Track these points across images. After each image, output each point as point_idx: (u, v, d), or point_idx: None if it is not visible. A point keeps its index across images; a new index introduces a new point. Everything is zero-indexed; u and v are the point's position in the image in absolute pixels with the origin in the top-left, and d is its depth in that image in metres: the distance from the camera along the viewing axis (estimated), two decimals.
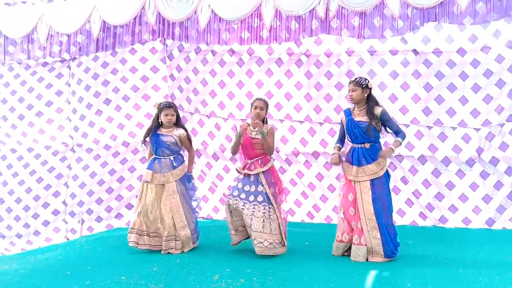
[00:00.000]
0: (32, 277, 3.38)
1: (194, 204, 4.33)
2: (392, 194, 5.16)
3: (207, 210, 5.90)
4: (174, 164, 4.14)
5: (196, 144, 5.84)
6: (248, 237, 4.05)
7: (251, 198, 3.93)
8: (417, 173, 5.13)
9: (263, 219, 3.84)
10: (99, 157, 5.87)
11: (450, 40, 4.94)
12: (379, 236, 3.64)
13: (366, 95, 3.75)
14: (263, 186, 3.94)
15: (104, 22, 5.64)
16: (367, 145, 3.73)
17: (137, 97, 5.84)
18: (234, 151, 4.14)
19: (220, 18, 5.26)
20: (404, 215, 5.21)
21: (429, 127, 5.07)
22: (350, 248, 3.80)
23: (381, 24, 4.77)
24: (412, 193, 5.16)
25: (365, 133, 3.70)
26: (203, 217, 5.88)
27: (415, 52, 5.04)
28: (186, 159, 4.35)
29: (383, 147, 3.84)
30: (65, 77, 5.99)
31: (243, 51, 5.54)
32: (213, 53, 5.65)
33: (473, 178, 4.95)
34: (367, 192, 3.69)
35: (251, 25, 5.14)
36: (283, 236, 3.94)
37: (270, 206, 3.91)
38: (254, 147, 3.97)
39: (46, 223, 5.94)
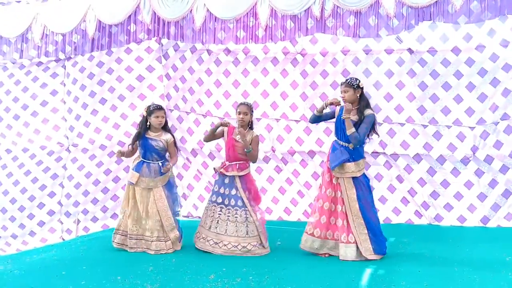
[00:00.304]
0: (27, 277, 3.36)
1: (177, 208, 4.36)
2: (388, 192, 5.25)
3: (202, 210, 5.88)
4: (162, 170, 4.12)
5: (192, 143, 5.85)
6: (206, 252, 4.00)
7: (226, 201, 4.01)
8: (413, 171, 5.15)
9: (236, 224, 3.94)
10: (94, 157, 5.86)
11: (445, 39, 4.96)
12: (366, 231, 3.68)
13: (358, 95, 3.77)
14: (237, 190, 4.00)
15: (99, 21, 5.62)
16: (351, 146, 3.75)
17: (133, 96, 5.82)
18: (206, 139, 4.30)
19: (215, 18, 5.25)
20: (400, 214, 5.23)
21: (424, 126, 5.09)
22: (323, 246, 3.81)
23: (376, 23, 4.78)
24: (408, 191, 5.18)
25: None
26: (199, 217, 5.87)
27: (410, 51, 5.06)
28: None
29: (364, 154, 3.90)
30: (60, 77, 5.96)
31: (238, 50, 5.54)
32: (209, 52, 5.65)
33: (468, 176, 4.98)
34: (351, 189, 3.73)
35: (246, 24, 5.14)
36: (262, 237, 3.96)
37: (245, 209, 3.97)
38: (236, 149, 4.02)
39: (41, 224, 5.92)
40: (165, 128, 4.21)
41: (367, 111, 3.75)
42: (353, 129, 3.67)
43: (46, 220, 5.92)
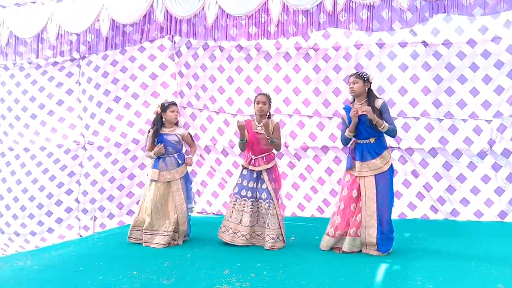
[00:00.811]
0: (46, 272, 3.43)
1: (191, 204, 4.47)
2: (403, 187, 5.20)
3: (217, 206, 5.94)
4: (179, 162, 4.26)
5: (205, 140, 5.88)
6: (234, 245, 4.04)
7: (254, 195, 4.04)
8: (428, 166, 5.09)
9: (264, 215, 4.00)
10: (110, 155, 5.94)
11: (460, 31, 4.88)
12: (375, 234, 3.63)
13: (367, 88, 3.72)
14: (265, 182, 4.02)
15: (113, 20, 5.68)
16: (372, 140, 3.70)
17: (146, 94, 5.88)
18: (242, 149, 4.22)
19: (227, 14, 5.26)
20: (415, 209, 5.18)
21: (440, 120, 5.02)
22: (338, 241, 3.81)
23: (389, 16, 4.72)
24: (423, 186, 5.13)
25: (369, 126, 3.66)
26: (213, 213, 5.92)
27: (425, 44, 4.99)
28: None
29: (387, 143, 3.82)
30: (75, 76, 6.06)
31: (250, 46, 5.54)
32: (221, 49, 5.66)
33: (485, 170, 4.90)
34: (371, 188, 3.66)
35: (258, 20, 5.13)
36: (282, 231, 4.00)
37: (271, 201, 3.99)
38: (260, 142, 4.03)
39: (59, 221, 6.03)
40: (176, 124, 4.37)
41: (378, 101, 3.70)
42: (384, 123, 3.61)
43: (64, 217, 6.03)
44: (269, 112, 4.13)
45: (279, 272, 3.25)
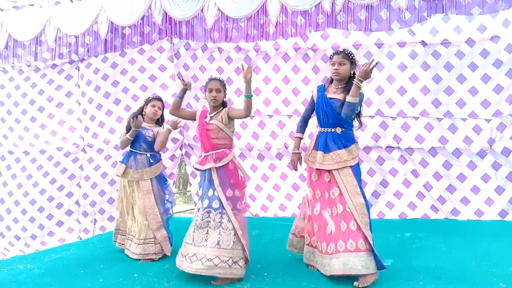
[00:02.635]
0: (46, 276, 3.43)
1: (168, 205, 4.02)
2: (403, 187, 5.20)
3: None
4: (151, 161, 3.89)
5: None
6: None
7: (205, 203, 3.19)
8: (428, 165, 5.08)
9: (207, 231, 3.13)
10: (109, 157, 5.94)
11: (458, 30, 4.88)
12: (369, 233, 2.95)
13: (352, 72, 3.17)
14: (214, 189, 3.16)
15: (112, 23, 5.68)
16: (339, 130, 3.12)
17: (146, 96, 5.85)
18: (170, 111, 3.48)
19: (227, 17, 5.25)
20: (416, 208, 5.17)
21: (439, 119, 5.02)
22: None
23: (388, 16, 4.72)
24: (423, 186, 5.12)
25: (338, 113, 3.09)
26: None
27: (423, 43, 4.99)
28: (162, 158, 4.16)
29: (356, 138, 3.23)
30: (74, 79, 6.05)
31: (249, 47, 5.54)
32: (220, 50, 5.66)
33: (485, 169, 4.89)
34: (352, 180, 3.01)
35: (257, 22, 5.13)
36: (246, 252, 3.16)
37: (223, 213, 3.12)
38: (208, 134, 3.24)
39: (60, 224, 6.03)
40: (159, 124, 4.06)
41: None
42: (356, 98, 2.96)
43: (64, 220, 6.03)
44: (225, 101, 3.42)
45: (280, 273, 3.25)
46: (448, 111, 4.99)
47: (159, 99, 4.03)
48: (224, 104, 3.40)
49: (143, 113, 3.97)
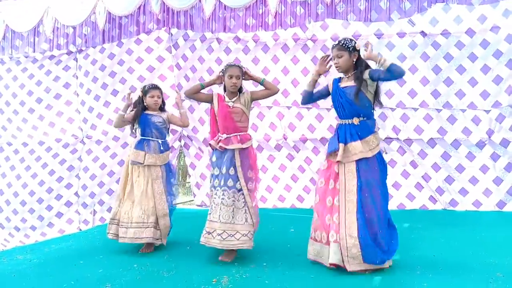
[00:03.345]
0: (46, 266, 3.44)
1: (173, 192, 4.06)
2: (401, 178, 5.20)
3: None
4: (162, 148, 3.87)
5: (203, 133, 5.87)
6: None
7: (222, 182, 3.33)
8: (427, 156, 5.09)
9: (233, 208, 3.28)
10: (108, 149, 5.93)
11: (458, 21, 4.86)
12: (355, 234, 2.86)
13: (355, 59, 3.04)
14: (235, 168, 3.32)
15: (109, 13, 5.65)
16: (356, 121, 3.03)
17: (142, 86, 5.84)
18: (187, 93, 3.55)
19: (225, 6, 5.23)
20: (414, 199, 5.19)
21: (438, 110, 5.02)
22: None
23: (388, 6, 4.71)
24: (422, 176, 5.14)
25: (352, 101, 3.00)
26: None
27: (423, 34, 4.97)
28: (171, 146, 4.17)
29: (376, 127, 3.20)
30: (72, 70, 6.03)
31: (248, 38, 5.51)
32: (218, 41, 5.63)
33: (484, 160, 4.91)
34: (352, 179, 2.96)
35: (256, 11, 5.11)
36: (255, 227, 3.38)
37: (241, 193, 3.32)
38: (233, 117, 3.36)
39: (59, 215, 6.04)
40: (162, 110, 3.99)
41: (365, 73, 3.02)
42: (385, 59, 2.87)
43: (64, 212, 6.04)
44: (242, 87, 3.50)
45: (279, 263, 3.27)
46: (447, 102, 4.98)
47: (155, 87, 3.94)
48: (240, 89, 3.47)
49: (144, 103, 3.89)
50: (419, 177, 5.15)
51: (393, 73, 2.87)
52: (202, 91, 3.55)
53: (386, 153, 4.59)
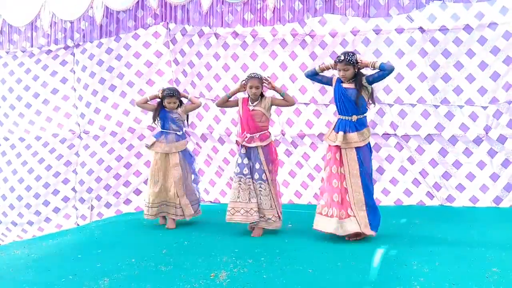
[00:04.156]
0: (44, 261, 3.44)
1: (195, 179, 4.74)
2: (399, 174, 5.23)
3: (214, 194, 5.95)
4: (177, 139, 4.53)
5: (201, 128, 5.87)
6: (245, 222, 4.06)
7: (255, 175, 4.01)
8: (424, 152, 5.10)
9: (260, 197, 3.99)
10: (106, 144, 5.91)
11: (456, 17, 4.85)
12: (364, 207, 3.67)
13: (356, 70, 3.73)
14: (261, 163, 3.99)
15: (107, 7, 5.61)
16: (354, 118, 3.71)
17: (142, 82, 5.84)
18: (219, 104, 4.26)
19: (223, 1, 5.20)
20: (411, 195, 5.21)
21: (436, 106, 5.02)
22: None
23: (386, 2, 4.69)
24: (419, 172, 5.15)
25: (354, 101, 3.68)
26: (210, 201, 5.93)
27: (421, 30, 4.97)
28: (187, 138, 4.81)
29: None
30: (69, 64, 5.99)
31: (246, 33, 5.49)
32: (217, 36, 5.61)
33: (481, 156, 4.92)
34: (354, 165, 3.67)
35: (254, 6, 5.08)
36: (278, 211, 4.05)
37: (266, 183, 3.99)
38: (254, 119, 4.00)
39: (56, 210, 6.03)
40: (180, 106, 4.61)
41: (363, 79, 3.73)
42: (375, 61, 3.68)
43: (61, 207, 6.02)
44: (262, 92, 4.11)
45: (276, 257, 3.28)
46: (445, 98, 4.99)
47: (172, 95, 4.47)
48: (261, 94, 4.09)
49: (164, 103, 4.52)
50: (416, 173, 5.16)
51: (385, 70, 3.65)
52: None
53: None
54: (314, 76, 3.99)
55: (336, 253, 3.36)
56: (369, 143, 3.79)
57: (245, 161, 4.03)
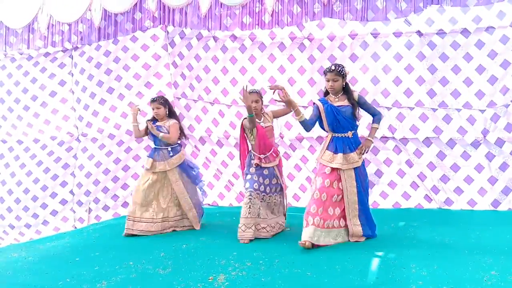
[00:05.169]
0: (41, 264, 3.42)
1: (199, 189, 4.68)
2: (397, 177, 5.24)
3: (212, 197, 5.94)
4: (171, 154, 4.40)
5: (200, 131, 5.87)
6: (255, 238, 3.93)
7: (268, 189, 4.03)
8: (422, 155, 5.12)
9: (275, 206, 4.12)
10: (104, 147, 5.91)
11: (453, 21, 4.89)
12: (359, 223, 3.72)
13: (344, 83, 3.72)
14: (278, 178, 4.08)
15: (105, 10, 5.62)
16: (350, 134, 3.74)
17: (140, 85, 5.84)
18: (249, 127, 4.00)
19: (221, 4, 5.22)
20: (409, 198, 5.22)
21: (434, 109, 5.04)
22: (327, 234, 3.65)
23: (384, 6, 4.72)
24: (417, 175, 5.16)
25: (350, 118, 3.70)
26: (208, 204, 5.92)
27: (419, 33, 4.99)
28: (182, 149, 4.57)
29: (374, 139, 3.89)
30: (67, 67, 6.00)
31: (245, 36, 5.51)
32: (215, 39, 5.62)
33: (479, 159, 4.93)
34: (352, 182, 3.69)
35: (252, 10, 5.11)
36: (284, 210, 4.25)
37: (282, 192, 4.15)
38: (267, 135, 3.99)
39: (54, 213, 6.01)
40: (170, 115, 4.48)
41: (355, 94, 3.74)
42: (374, 128, 3.79)
43: (59, 209, 6.02)
44: (262, 108, 4.11)
45: (275, 260, 3.27)
46: (443, 101, 5.01)
47: (153, 100, 4.41)
48: (262, 110, 4.06)
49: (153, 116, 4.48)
50: (415, 176, 5.17)
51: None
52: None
53: None
54: (310, 124, 3.80)
55: (334, 256, 3.35)
56: (363, 163, 3.83)
57: (258, 177, 3.98)
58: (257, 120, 3.97)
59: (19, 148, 6.13)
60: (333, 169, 3.71)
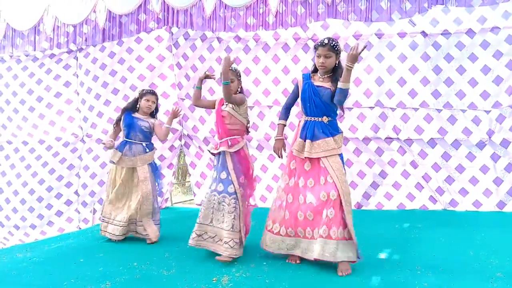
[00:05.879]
0: (46, 264, 3.43)
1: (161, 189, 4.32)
2: (402, 178, 5.21)
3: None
4: (146, 150, 4.03)
5: (204, 132, 5.87)
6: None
7: (214, 186, 3.37)
8: (427, 156, 5.09)
9: (223, 214, 3.31)
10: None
11: (458, 21, 4.87)
12: (352, 221, 2.96)
13: (337, 63, 3.08)
14: (228, 173, 3.31)
15: (110, 11, 5.65)
16: (325, 120, 3.08)
17: (144, 86, 5.82)
18: (194, 103, 3.64)
19: (225, 5, 5.23)
20: (414, 199, 5.19)
21: (439, 110, 5.02)
22: (294, 247, 3.16)
23: (388, 6, 4.72)
24: (422, 177, 5.14)
25: (327, 102, 3.05)
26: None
27: (424, 34, 4.97)
28: (161, 148, 4.33)
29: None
30: (72, 68, 6.03)
31: (249, 37, 5.51)
32: (219, 40, 5.63)
33: (484, 160, 4.91)
34: (340, 168, 3.01)
35: (256, 11, 5.11)
36: (243, 235, 3.33)
37: (234, 197, 3.29)
38: (223, 120, 3.36)
39: (59, 214, 6.04)
40: (152, 116, 4.12)
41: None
42: (348, 84, 2.92)
43: (63, 210, 6.04)
44: (240, 88, 3.45)
45: (279, 262, 3.26)
46: (447, 102, 4.99)
47: (153, 93, 4.09)
48: (241, 92, 3.46)
49: (138, 105, 4.06)
50: (419, 177, 5.15)
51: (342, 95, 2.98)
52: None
53: None
54: (289, 109, 3.36)
55: None
56: (342, 154, 3.13)
57: (213, 173, 3.43)
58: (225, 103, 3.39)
59: (25, 149, 6.16)
60: (301, 161, 3.13)
